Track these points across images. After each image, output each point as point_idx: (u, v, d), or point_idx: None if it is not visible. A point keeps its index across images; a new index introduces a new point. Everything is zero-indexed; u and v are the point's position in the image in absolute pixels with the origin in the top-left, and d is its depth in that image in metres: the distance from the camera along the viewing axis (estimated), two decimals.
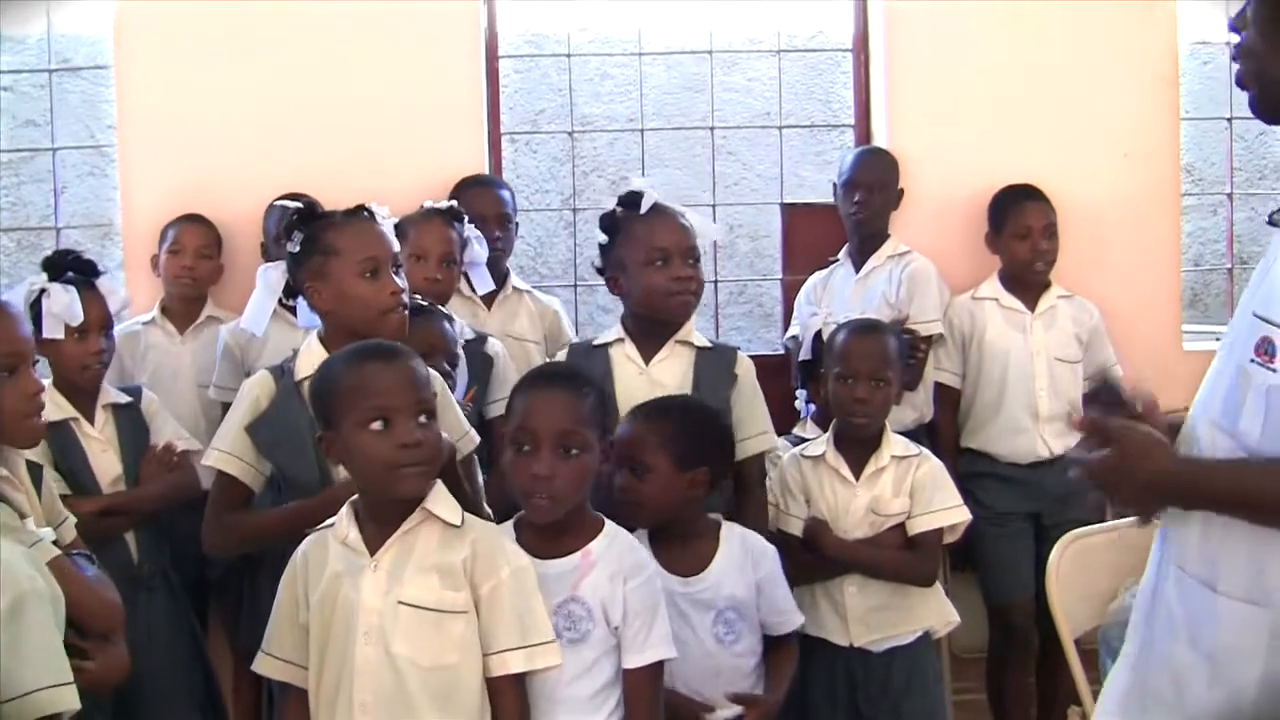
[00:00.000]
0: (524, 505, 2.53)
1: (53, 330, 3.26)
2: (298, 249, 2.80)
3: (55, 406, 3.23)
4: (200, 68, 4.39)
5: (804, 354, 3.87)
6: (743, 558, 2.91)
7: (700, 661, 2.82)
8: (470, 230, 3.71)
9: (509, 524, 2.58)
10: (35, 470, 2.53)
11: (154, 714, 3.23)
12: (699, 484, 2.87)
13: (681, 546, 2.89)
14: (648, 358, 3.15)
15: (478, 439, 2.98)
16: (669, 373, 3.13)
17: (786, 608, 2.97)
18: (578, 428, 2.49)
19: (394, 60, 4.44)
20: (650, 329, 3.15)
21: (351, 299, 2.75)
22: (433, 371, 2.53)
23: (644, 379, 3.12)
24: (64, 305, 3.27)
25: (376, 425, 2.28)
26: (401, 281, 2.80)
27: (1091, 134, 4.56)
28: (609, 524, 2.59)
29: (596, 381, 2.70)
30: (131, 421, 3.51)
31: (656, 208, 3.12)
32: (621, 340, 3.19)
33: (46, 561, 2.22)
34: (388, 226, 2.85)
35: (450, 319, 3.37)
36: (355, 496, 2.39)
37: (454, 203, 3.77)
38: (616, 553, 2.56)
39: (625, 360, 3.16)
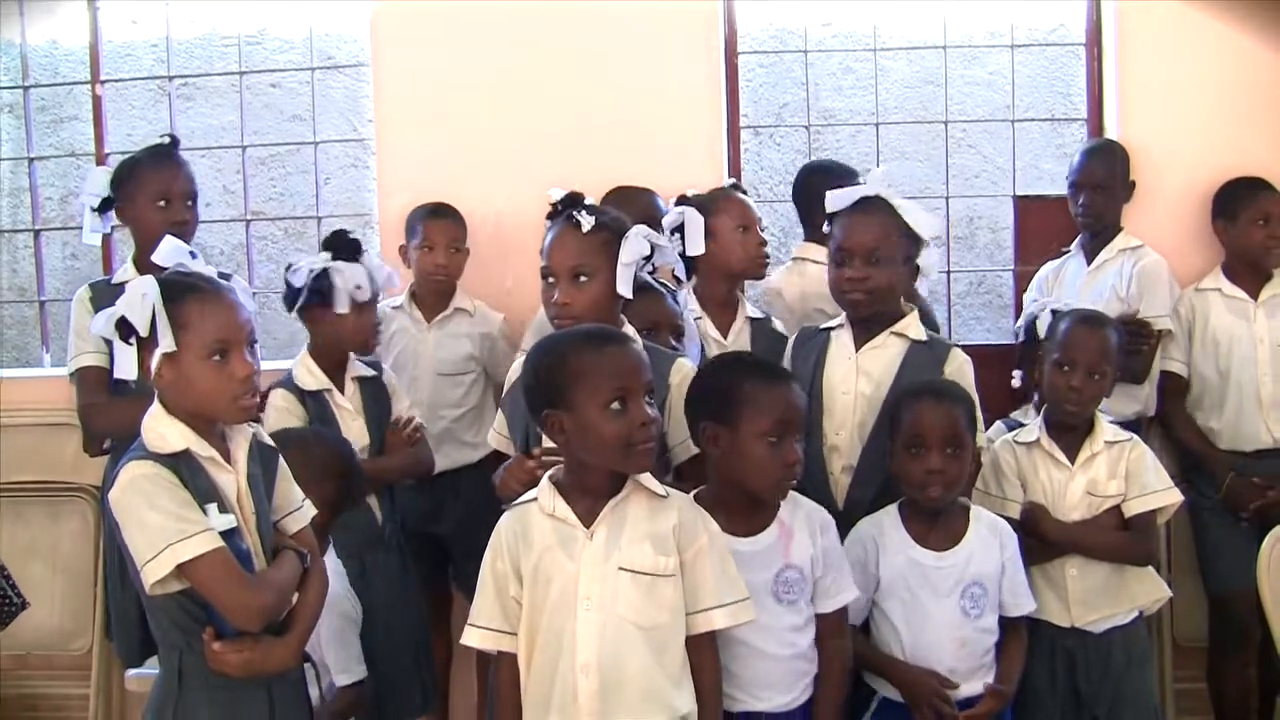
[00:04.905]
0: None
1: (343, 305, 3.52)
2: None
3: (312, 378, 3.54)
4: (451, 66, 4.64)
5: (1021, 337, 3.89)
6: (990, 537, 3.04)
7: (946, 632, 2.97)
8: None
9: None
10: (270, 454, 2.55)
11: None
12: (978, 459, 3.09)
13: (934, 523, 3.03)
14: (860, 345, 3.23)
15: None
16: (875, 362, 3.21)
17: (1024, 591, 3.07)
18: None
19: (635, 56, 4.62)
20: (867, 317, 3.25)
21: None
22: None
23: (850, 364, 3.23)
24: (357, 281, 3.53)
25: (615, 405, 2.42)
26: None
27: None
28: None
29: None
30: (375, 393, 3.68)
31: (857, 204, 3.20)
32: (843, 326, 3.30)
33: (191, 559, 2.27)
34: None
35: (674, 295, 3.47)
36: (552, 471, 2.55)
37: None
38: (803, 514, 2.80)
39: (840, 346, 3.27)
